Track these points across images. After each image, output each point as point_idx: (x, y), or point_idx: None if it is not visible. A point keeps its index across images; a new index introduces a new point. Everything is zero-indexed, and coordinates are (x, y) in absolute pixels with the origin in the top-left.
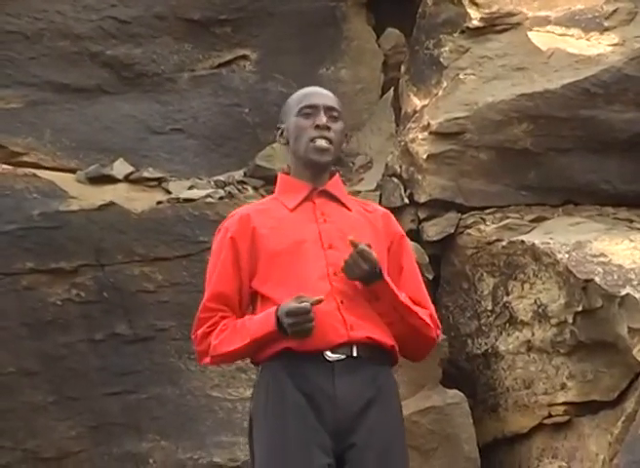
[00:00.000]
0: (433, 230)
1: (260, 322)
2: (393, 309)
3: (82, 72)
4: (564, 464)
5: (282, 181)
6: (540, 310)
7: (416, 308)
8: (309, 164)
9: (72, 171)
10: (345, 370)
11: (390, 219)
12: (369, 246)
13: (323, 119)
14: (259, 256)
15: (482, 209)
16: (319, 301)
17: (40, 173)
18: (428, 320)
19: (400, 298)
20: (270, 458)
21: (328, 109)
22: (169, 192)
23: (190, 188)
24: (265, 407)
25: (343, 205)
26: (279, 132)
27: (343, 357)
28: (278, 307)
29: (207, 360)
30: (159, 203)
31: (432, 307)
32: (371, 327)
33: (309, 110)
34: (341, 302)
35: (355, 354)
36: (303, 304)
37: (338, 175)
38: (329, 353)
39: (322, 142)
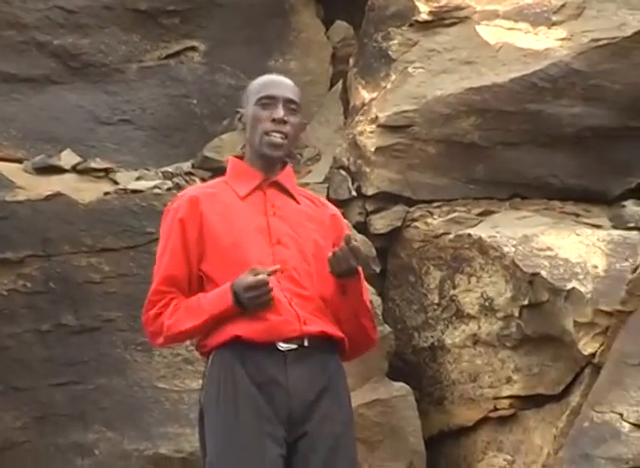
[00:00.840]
0: (381, 223)
1: (216, 298)
2: (353, 306)
3: (29, 62)
4: (509, 457)
5: (234, 166)
6: (487, 304)
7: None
8: (262, 156)
9: (19, 161)
10: (297, 359)
11: (339, 220)
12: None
13: (280, 112)
14: (206, 241)
15: (429, 202)
16: (275, 271)
17: None
18: (374, 322)
19: (364, 297)
20: (223, 449)
21: (287, 102)
22: (116, 183)
23: (138, 179)
24: (217, 397)
25: (293, 198)
26: (238, 116)
27: (295, 347)
28: (233, 282)
29: (160, 340)
30: (106, 194)
31: (372, 310)
32: (323, 321)
33: (268, 101)
34: (291, 299)
35: (307, 344)
36: (261, 277)
37: (290, 166)
38: (281, 343)
39: (277, 137)
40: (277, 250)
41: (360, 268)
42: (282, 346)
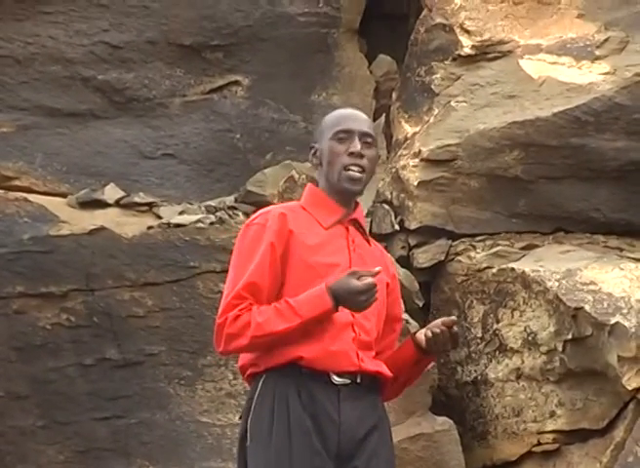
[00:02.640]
0: (423, 257)
1: (312, 301)
2: (418, 372)
3: (74, 97)
4: None
5: (314, 194)
6: (530, 338)
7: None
8: (340, 191)
9: (63, 195)
10: (350, 395)
11: (393, 265)
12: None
13: (357, 146)
14: (289, 258)
15: (472, 236)
16: (378, 272)
17: (31, 197)
18: None
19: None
20: None
21: (363, 135)
22: (160, 217)
23: (181, 213)
24: (270, 427)
25: (366, 238)
26: (312, 151)
27: (349, 382)
28: (329, 285)
29: (239, 342)
30: (150, 228)
31: None
32: (374, 361)
33: (344, 135)
34: (359, 335)
35: (359, 381)
36: (370, 280)
37: (360, 205)
38: (335, 377)
39: (355, 171)
40: None
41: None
42: (336, 380)
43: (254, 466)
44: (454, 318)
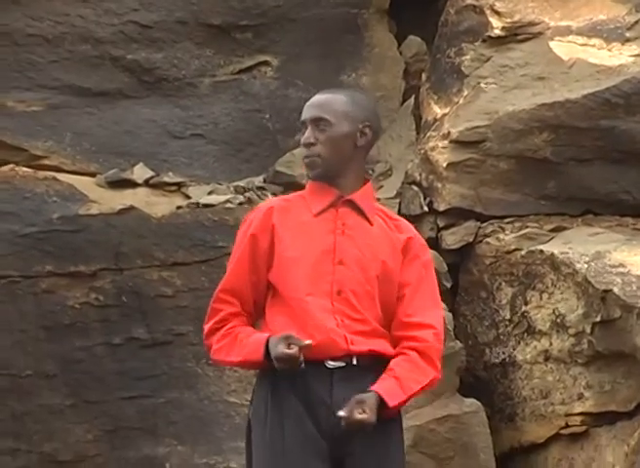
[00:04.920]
0: (452, 239)
1: (253, 346)
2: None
3: (103, 76)
4: None
5: (312, 183)
6: (559, 320)
7: (422, 377)
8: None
9: (92, 175)
10: (344, 377)
11: (413, 244)
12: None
13: (307, 136)
14: (274, 252)
15: (501, 218)
16: (307, 346)
17: (60, 176)
18: (432, 366)
19: (409, 398)
20: (271, 463)
21: (313, 121)
22: (188, 197)
23: (210, 193)
24: (265, 416)
25: (367, 218)
26: None
27: (343, 364)
28: (268, 339)
29: (210, 355)
30: (179, 208)
31: (440, 325)
32: (372, 340)
33: (302, 126)
34: (342, 321)
35: (355, 362)
36: (292, 352)
37: (369, 183)
38: (329, 361)
39: (307, 160)
40: (337, 269)
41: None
42: (330, 364)
43: (254, 453)
44: (341, 413)
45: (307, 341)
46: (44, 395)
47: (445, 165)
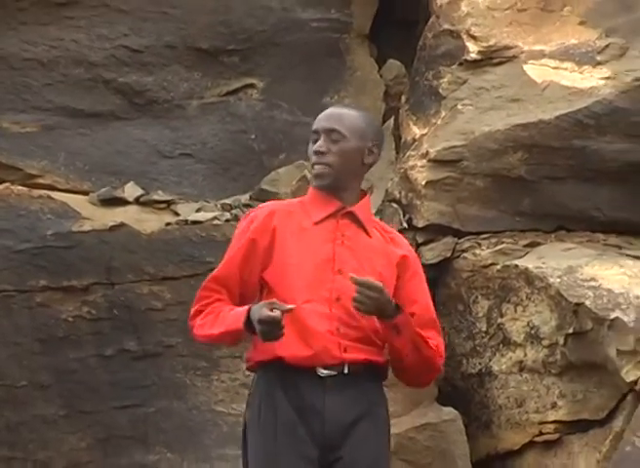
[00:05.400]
0: (430, 254)
1: (234, 316)
2: (411, 341)
3: (95, 98)
4: None
5: (314, 192)
6: (533, 332)
7: (427, 338)
8: (316, 188)
9: (85, 193)
10: (336, 386)
11: (408, 261)
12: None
13: (320, 145)
14: (274, 253)
15: (478, 234)
16: (290, 310)
17: (54, 194)
18: (437, 349)
19: (417, 330)
20: (264, 466)
21: (327, 132)
22: (177, 214)
23: (198, 211)
24: (258, 420)
25: (365, 230)
26: None
27: (335, 373)
28: (250, 307)
29: (194, 335)
30: (168, 224)
31: (441, 340)
32: (366, 348)
33: (315, 136)
34: (337, 329)
35: (346, 371)
36: (275, 314)
37: (368, 196)
38: (321, 369)
39: (317, 168)
40: (337, 279)
41: (397, 306)
42: (322, 372)
43: (249, 459)
44: (351, 274)
45: (290, 306)
46: (39, 405)
47: (424, 183)
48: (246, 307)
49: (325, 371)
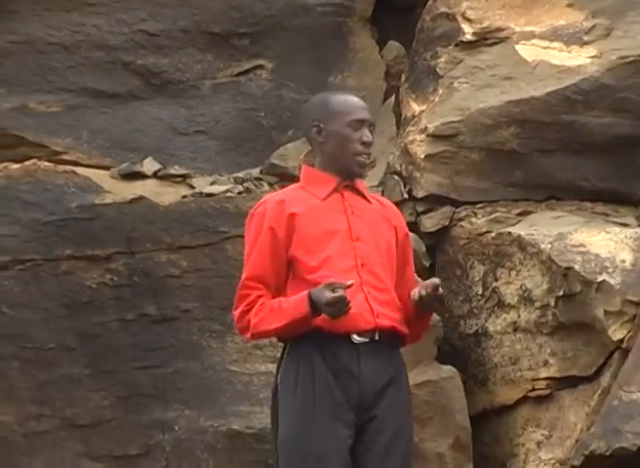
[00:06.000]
0: (430, 222)
1: (295, 305)
2: (424, 321)
3: (115, 80)
4: (546, 433)
5: (308, 173)
6: (526, 294)
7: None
8: (349, 173)
9: (106, 168)
10: (369, 352)
11: (400, 217)
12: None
13: (369, 136)
14: (293, 235)
15: (474, 203)
16: (350, 286)
17: (78, 170)
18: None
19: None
20: (300, 429)
21: (370, 125)
22: (193, 187)
23: (212, 184)
24: (296, 383)
25: (366, 199)
26: (316, 129)
27: (367, 340)
28: (310, 292)
29: (248, 335)
30: (184, 197)
31: None
32: (394, 316)
33: (358, 124)
34: (369, 293)
35: (377, 338)
36: (340, 293)
37: None
38: (355, 336)
39: (366, 159)
40: (357, 245)
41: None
42: (356, 339)
43: (281, 419)
44: (436, 280)
45: (350, 281)
46: (65, 366)
47: (423, 156)
48: (304, 293)
49: (359, 338)
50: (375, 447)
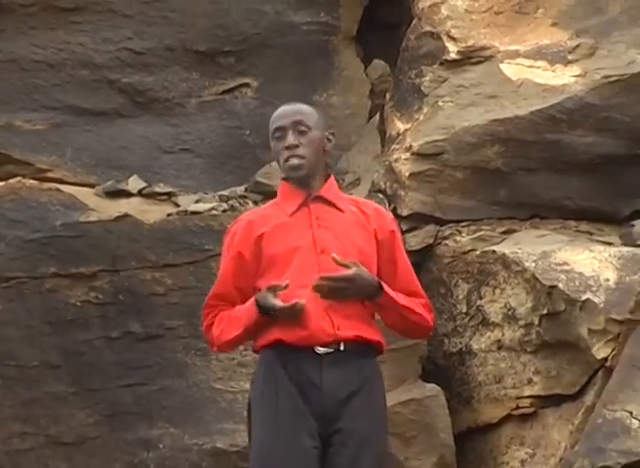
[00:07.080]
0: (414, 241)
1: (246, 312)
2: (396, 313)
3: (100, 98)
4: (530, 451)
5: (282, 188)
6: (510, 313)
7: (412, 304)
8: (291, 181)
9: (91, 185)
10: (332, 362)
11: (383, 217)
12: (354, 263)
13: (290, 139)
14: (260, 259)
15: (458, 222)
16: (286, 286)
17: (62, 187)
18: (422, 310)
19: (401, 303)
20: (265, 439)
21: (294, 125)
22: (178, 205)
23: (197, 202)
24: (262, 394)
25: (337, 207)
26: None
27: (331, 350)
28: (255, 298)
29: (215, 348)
30: (169, 215)
31: (425, 296)
32: (358, 325)
33: (279, 133)
34: (329, 305)
35: (342, 348)
36: (288, 304)
37: (332, 177)
38: (319, 347)
39: (294, 161)
40: (322, 259)
41: (379, 283)
42: (319, 350)
43: (252, 430)
44: (334, 255)
45: (285, 282)
46: (49, 383)
47: (407, 175)
48: (251, 300)
49: (322, 349)
50: (340, 460)
